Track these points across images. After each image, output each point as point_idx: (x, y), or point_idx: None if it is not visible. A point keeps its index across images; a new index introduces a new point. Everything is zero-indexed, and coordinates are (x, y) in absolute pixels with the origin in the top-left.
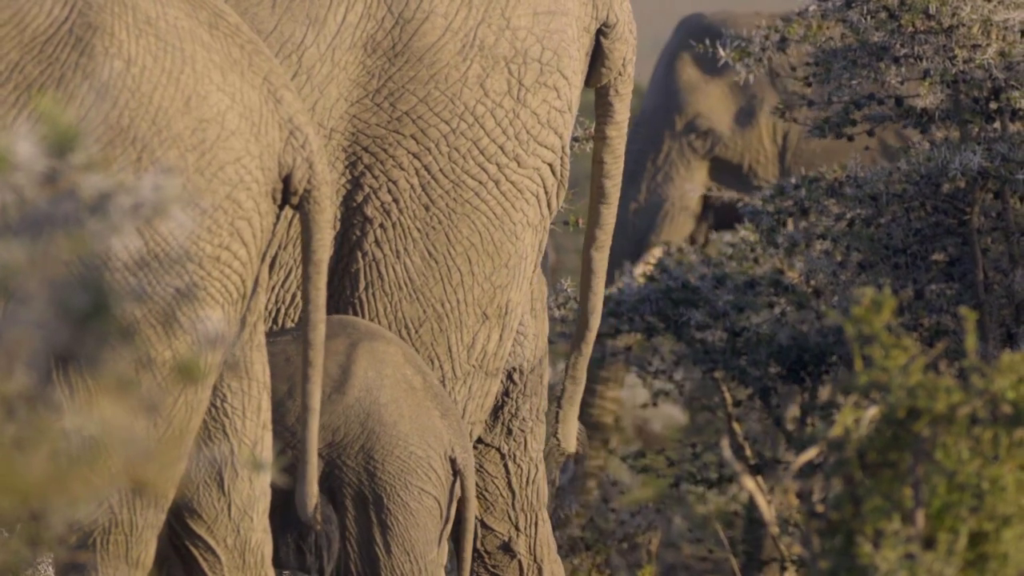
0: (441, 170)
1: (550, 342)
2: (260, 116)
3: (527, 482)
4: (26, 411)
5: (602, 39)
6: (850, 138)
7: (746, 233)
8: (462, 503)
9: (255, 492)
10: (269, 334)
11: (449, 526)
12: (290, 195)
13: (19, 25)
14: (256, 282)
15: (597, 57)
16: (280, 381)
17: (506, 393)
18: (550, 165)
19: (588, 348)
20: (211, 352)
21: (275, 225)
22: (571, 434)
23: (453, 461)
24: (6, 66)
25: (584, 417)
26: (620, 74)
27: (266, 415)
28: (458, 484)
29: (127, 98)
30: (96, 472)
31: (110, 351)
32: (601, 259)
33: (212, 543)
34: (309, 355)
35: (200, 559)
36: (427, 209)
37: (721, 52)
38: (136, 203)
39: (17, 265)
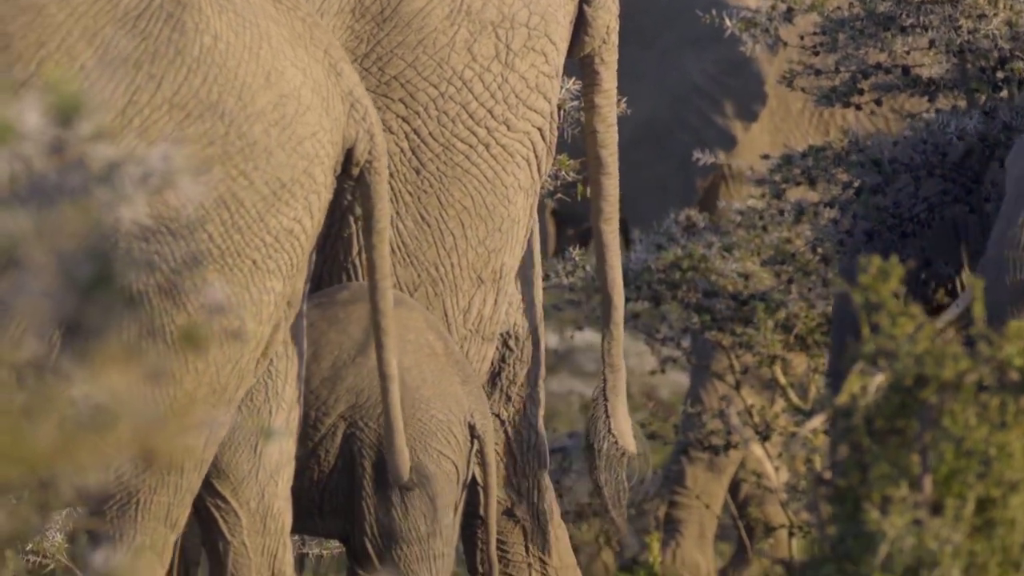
0: (431, 134)
1: (557, 309)
2: (327, 90)
3: (527, 448)
4: (87, 378)
5: (585, 7)
6: (858, 107)
7: (754, 201)
8: (482, 469)
9: (283, 458)
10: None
11: (465, 492)
12: (351, 167)
13: (112, 0)
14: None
15: (580, 26)
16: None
17: (503, 360)
18: (539, 129)
19: (619, 329)
20: (270, 323)
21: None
22: (626, 431)
23: (472, 427)
24: (101, 41)
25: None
26: (604, 42)
27: (302, 383)
28: (476, 450)
29: (216, 73)
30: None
31: (193, 320)
32: (611, 231)
33: (235, 505)
34: (381, 322)
35: (220, 520)
36: (418, 173)
37: (727, 23)
38: (145, 173)
39: (50, 233)
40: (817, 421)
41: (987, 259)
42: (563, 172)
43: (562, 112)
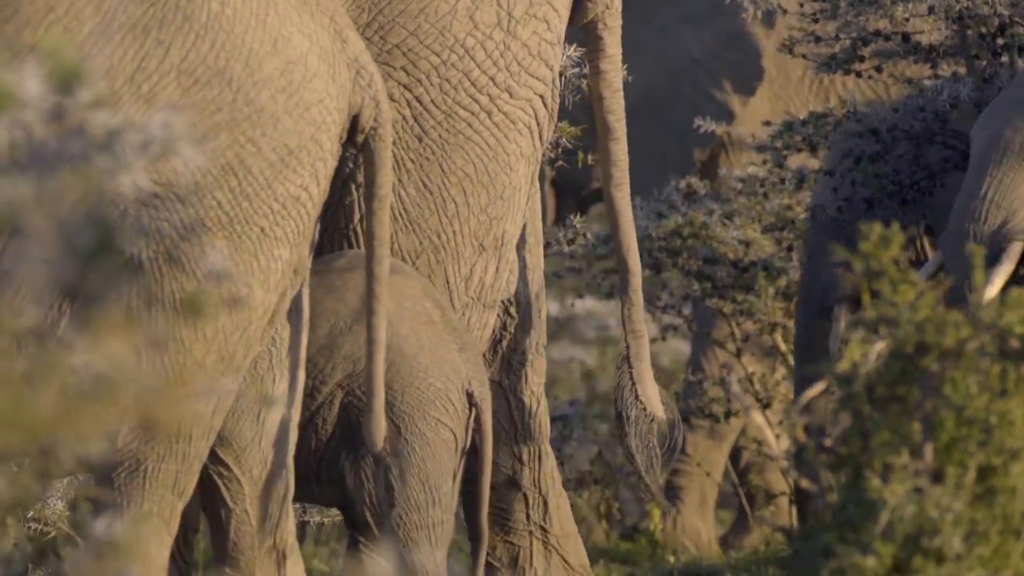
0: (432, 101)
1: (558, 276)
2: (333, 56)
3: (529, 415)
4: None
5: None
6: (858, 74)
7: (755, 169)
8: (479, 437)
9: (286, 426)
10: None
11: (463, 459)
12: (356, 134)
13: None
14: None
15: None
16: None
17: (504, 327)
18: (541, 97)
19: (638, 295)
20: (277, 291)
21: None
22: (653, 397)
23: (470, 395)
24: (109, 6)
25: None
26: (607, 8)
27: (305, 350)
28: (474, 418)
29: (223, 39)
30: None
31: (197, 288)
32: (623, 197)
33: (238, 472)
34: (375, 288)
35: (223, 487)
36: (420, 140)
37: None
38: (145, 140)
39: (53, 201)
40: (818, 389)
41: (949, 231)
42: (563, 140)
43: (563, 79)
